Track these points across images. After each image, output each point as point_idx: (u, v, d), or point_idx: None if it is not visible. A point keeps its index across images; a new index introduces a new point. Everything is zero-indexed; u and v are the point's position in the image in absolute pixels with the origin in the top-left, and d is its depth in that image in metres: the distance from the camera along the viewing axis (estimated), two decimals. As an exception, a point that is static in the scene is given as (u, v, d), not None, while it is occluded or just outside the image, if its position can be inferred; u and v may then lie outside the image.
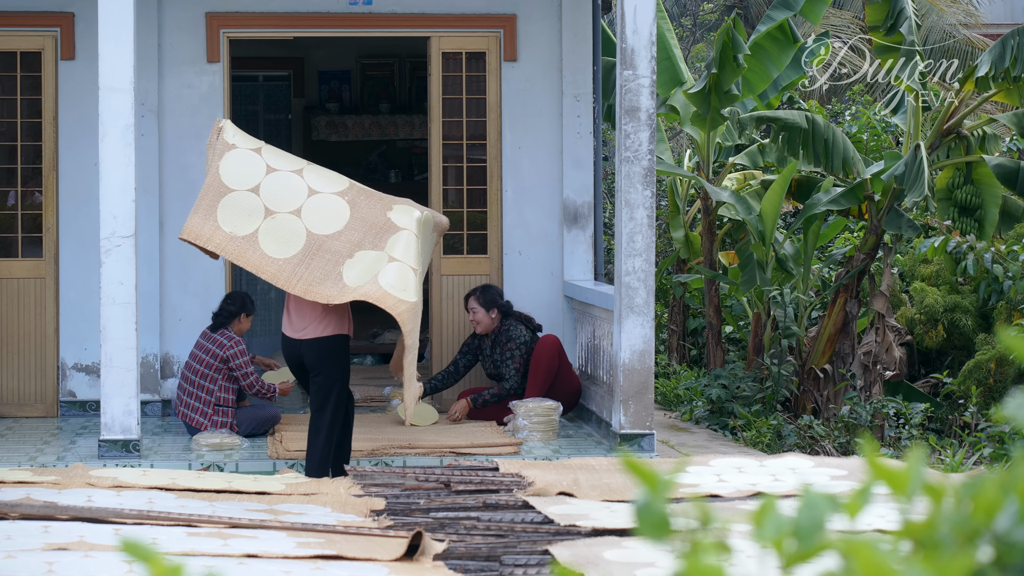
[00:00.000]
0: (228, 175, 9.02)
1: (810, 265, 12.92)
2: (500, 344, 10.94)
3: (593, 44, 11.85)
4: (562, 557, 6.02)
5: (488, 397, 10.81)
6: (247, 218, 8.92)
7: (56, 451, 9.93)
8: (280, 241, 8.88)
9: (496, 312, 10.96)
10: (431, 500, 7.25)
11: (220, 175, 9.01)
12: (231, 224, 8.88)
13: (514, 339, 10.87)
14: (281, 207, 8.98)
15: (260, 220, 8.92)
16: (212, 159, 9.12)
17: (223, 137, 9.17)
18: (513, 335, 10.88)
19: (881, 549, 1.73)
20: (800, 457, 8.31)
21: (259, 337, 14.85)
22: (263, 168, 9.10)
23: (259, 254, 8.84)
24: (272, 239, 8.88)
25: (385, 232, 8.96)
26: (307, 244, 8.88)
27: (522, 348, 10.86)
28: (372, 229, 8.98)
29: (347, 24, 11.78)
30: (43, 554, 5.88)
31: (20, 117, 11.51)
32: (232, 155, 9.09)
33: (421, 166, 14.66)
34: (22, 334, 11.43)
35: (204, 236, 8.89)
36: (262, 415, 10.42)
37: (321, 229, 8.94)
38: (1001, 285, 13.40)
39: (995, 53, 11.66)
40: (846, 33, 20.98)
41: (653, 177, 9.66)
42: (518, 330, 10.92)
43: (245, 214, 8.92)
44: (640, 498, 1.83)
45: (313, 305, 9.02)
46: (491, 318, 10.97)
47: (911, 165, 11.66)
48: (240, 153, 9.12)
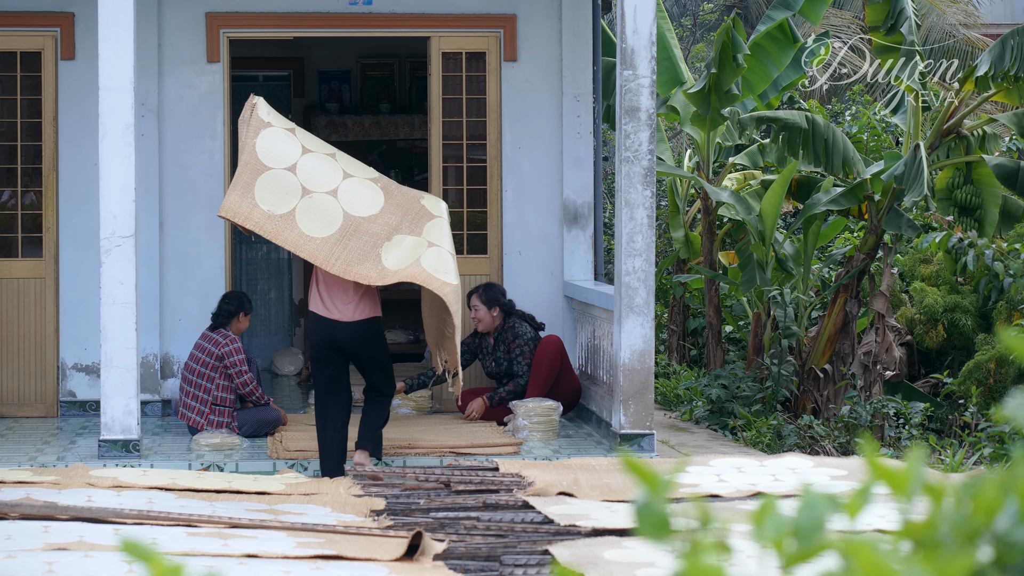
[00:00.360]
0: (265, 153, 9.00)
1: (810, 265, 12.92)
2: (506, 342, 10.95)
3: (593, 44, 11.86)
4: (562, 557, 6.02)
5: (504, 394, 10.83)
6: (285, 196, 8.89)
7: (56, 451, 9.93)
8: (317, 220, 8.86)
9: (498, 310, 10.98)
10: (431, 500, 7.25)
11: (257, 153, 8.97)
12: (269, 202, 8.86)
13: (521, 336, 10.90)
14: (318, 187, 8.98)
15: (297, 199, 8.89)
16: (247, 136, 9.06)
17: (257, 114, 9.15)
18: (520, 332, 10.91)
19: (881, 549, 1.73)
20: (800, 457, 8.31)
21: (259, 337, 14.85)
22: (299, 148, 9.11)
23: (297, 232, 8.82)
24: (309, 218, 8.86)
25: (421, 218, 9.03)
26: (344, 224, 8.89)
27: (530, 344, 10.90)
28: (408, 214, 9.03)
29: (347, 24, 11.78)
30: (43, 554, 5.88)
31: (20, 117, 11.51)
32: (268, 133, 9.07)
33: (421, 166, 14.65)
34: (22, 334, 11.43)
35: (242, 214, 8.85)
36: (264, 417, 10.41)
37: (357, 211, 8.96)
38: (1001, 283, 13.40)
39: (995, 53, 11.66)
40: (846, 33, 20.98)
41: (653, 177, 9.66)
42: (523, 327, 10.94)
43: (283, 192, 8.89)
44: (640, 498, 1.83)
45: (346, 287, 9.06)
46: (492, 316, 10.98)
47: (911, 165, 11.66)
48: (276, 132, 9.11)
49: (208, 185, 11.56)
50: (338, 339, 9.06)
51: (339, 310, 9.09)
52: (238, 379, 10.21)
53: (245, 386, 10.23)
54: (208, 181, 11.56)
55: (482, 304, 10.99)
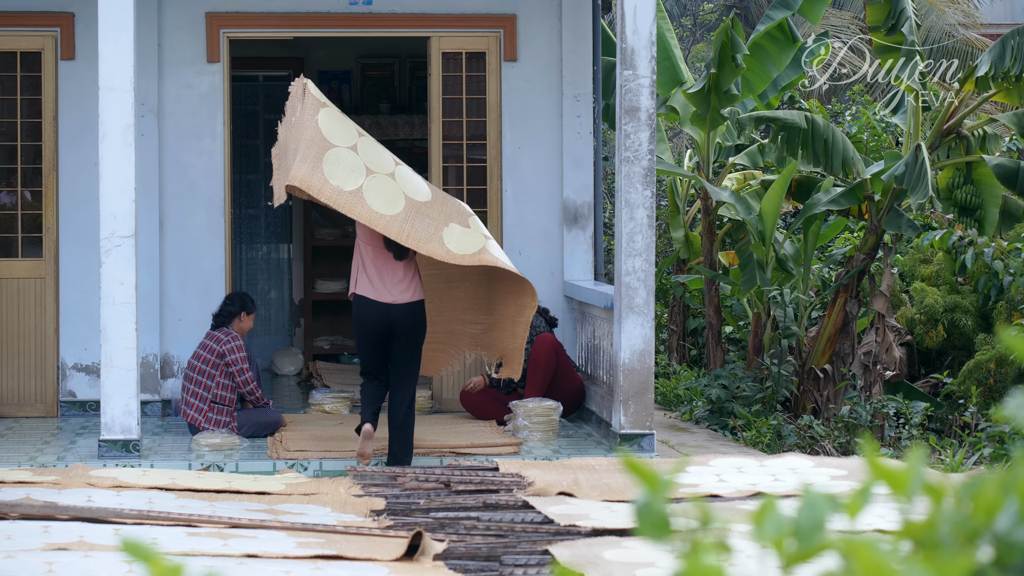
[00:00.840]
0: (328, 130, 9.09)
1: (810, 265, 12.92)
2: None
3: (593, 44, 11.86)
4: (562, 557, 6.02)
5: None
6: (351, 174, 9.00)
7: (56, 451, 9.93)
8: (383, 199, 9.00)
9: None
10: (431, 500, 7.26)
11: (320, 129, 9.05)
12: (337, 178, 8.96)
13: (533, 328, 10.90)
14: (378, 168, 9.15)
15: (363, 178, 9.02)
16: (304, 113, 9.11)
17: (310, 92, 9.24)
18: (532, 323, 10.92)
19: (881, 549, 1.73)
20: (800, 457, 8.31)
21: (259, 337, 14.85)
22: (355, 129, 9.27)
23: (367, 208, 8.94)
24: (375, 196, 9.00)
25: (464, 214, 9.33)
26: (407, 205, 9.07)
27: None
28: (454, 207, 9.30)
29: (347, 24, 11.79)
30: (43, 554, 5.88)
31: (20, 117, 11.51)
32: (327, 112, 9.19)
33: (421, 166, 14.64)
34: (22, 334, 11.43)
35: (315, 187, 8.91)
36: (264, 419, 10.40)
37: (414, 195, 9.17)
38: (1001, 282, 13.40)
39: (995, 53, 11.66)
40: (846, 33, 20.98)
41: (653, 177, 9.66)
42: (536, 319, 10.95)
43: (349, 170, 9.00)
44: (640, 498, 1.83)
45: (396, 269, 9.22)
46: None
47: (911, 166, 11.65)
48: (333, 111, 9.26)
49: (208, 185, 11.56)
50: (393, 321, 9.20)
51: (392, 293, 9.23)
52: (239, 377, 10.21)
53: (246, 385, 10.23)
54: (208, 181, 11.56)
55: None
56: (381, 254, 9.25)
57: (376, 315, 9.21)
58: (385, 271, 9.24)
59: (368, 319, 9.25)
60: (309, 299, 14.73)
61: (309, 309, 14.71)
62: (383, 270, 9.24)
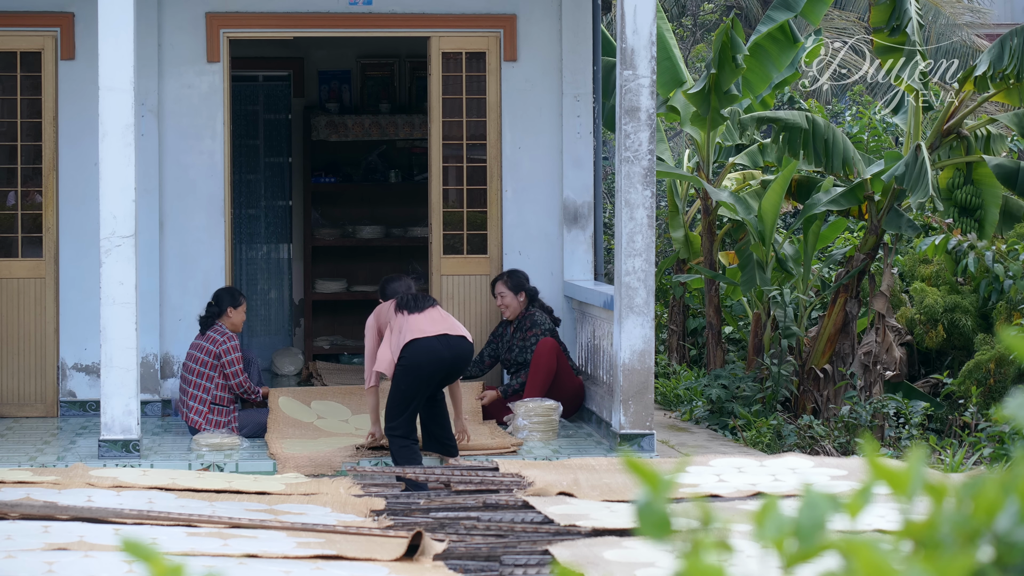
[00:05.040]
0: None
1: (810, 265, 12.91)
2: (524, 329, 10.95)
3: (593, 44, 11.86)
4: (562, 557, 6.02)
5: (517, 386, 10.83)
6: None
7: (56, 451, 9.93)
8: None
9: (524, 296, 11.03)
10: (431, 500, 7.25)
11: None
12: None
13: (539, 324, 10.91)
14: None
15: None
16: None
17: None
18: (538, 320, 10.93)
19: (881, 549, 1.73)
20: (800, 457, 8.31)
21: (259, 337, 14.85)
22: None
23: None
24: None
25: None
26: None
27: (546, 335, 10.89)
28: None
29: (347, 24, 11.78)
30: (43, 554, 5.88)
31: (20, 117, 11.51)
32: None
33: (421, 166, 14.64)
34: (22, 334, 11.43)
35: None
36: (265, 419, 10.41)
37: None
38: (1001, 284, 13.40)
39: (994, 53, 11.66)
40: (847, 33, 20.98)
41: (653, 177, 9.66)
42: (542, 316, 10.97)
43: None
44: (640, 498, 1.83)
45: (436, 319, 9.22)
46: (519, 302, 11.02)
47: (912, 166, 11.65)
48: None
49: (208, 185, 11.56)
50: (456, 355, 9.11)
51: (460, 330, 9.22)
52: (233, 379, 10.22)
53: (240, 386, 10.23)
54: (208, 181, 11.56)
55: (508, 290, 11.02)
56: (410, 316, 9.22)
57: (444, 350, 9.06)
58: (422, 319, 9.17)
59: (431, 358, 9.07)
60: (309, 299, 14.73)
61: (309, 309, 14.70)
62: (420, 320, 9.16)
